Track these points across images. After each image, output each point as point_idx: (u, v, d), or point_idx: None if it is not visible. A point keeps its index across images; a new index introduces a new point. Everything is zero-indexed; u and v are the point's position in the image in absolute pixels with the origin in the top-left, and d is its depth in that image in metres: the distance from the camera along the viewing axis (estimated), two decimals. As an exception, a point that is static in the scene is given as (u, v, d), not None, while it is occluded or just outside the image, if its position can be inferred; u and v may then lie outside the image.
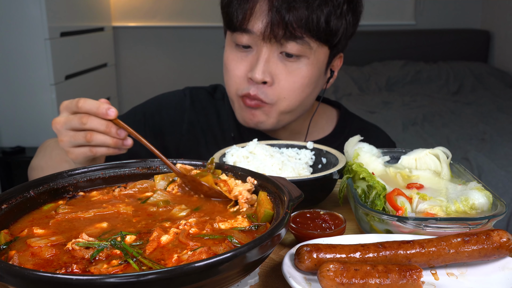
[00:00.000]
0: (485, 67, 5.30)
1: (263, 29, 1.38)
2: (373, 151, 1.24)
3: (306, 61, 1.44)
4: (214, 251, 0.75)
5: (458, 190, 1.08)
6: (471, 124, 3.97)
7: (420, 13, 5.75)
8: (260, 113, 1.50)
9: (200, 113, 1.69)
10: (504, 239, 0.87)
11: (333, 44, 1.46)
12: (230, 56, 1.49)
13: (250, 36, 1.42)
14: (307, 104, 1.55)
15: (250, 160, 1.24)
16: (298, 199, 0.88)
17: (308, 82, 1.47)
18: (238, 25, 1.42)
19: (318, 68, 1.47)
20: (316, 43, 1.42)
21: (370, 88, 5.07)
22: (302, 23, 1.37)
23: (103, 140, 1.12)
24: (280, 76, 1.44)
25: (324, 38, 1.42)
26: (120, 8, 5.32)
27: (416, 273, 0.79)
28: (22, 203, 0.90)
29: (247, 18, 1.40)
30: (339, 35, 1.45)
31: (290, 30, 1.37)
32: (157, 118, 1.67)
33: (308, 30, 1.38)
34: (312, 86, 1.49)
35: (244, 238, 0.80)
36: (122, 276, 0.61)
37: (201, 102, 1.71)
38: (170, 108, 1.69)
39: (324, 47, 1.45)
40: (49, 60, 3.68)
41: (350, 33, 1.52)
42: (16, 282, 0.63)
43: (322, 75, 1.52)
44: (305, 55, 1.43)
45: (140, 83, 5.50)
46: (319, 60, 1.46)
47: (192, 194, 1.01)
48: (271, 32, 1.38)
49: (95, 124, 1.09)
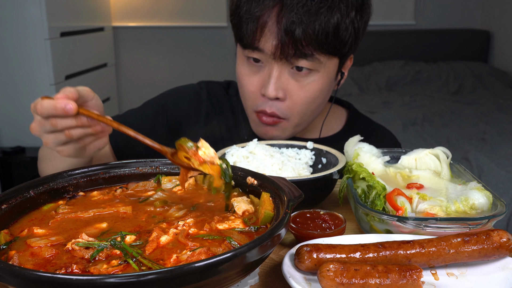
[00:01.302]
0: (485, 67, 5.30)
1: (273, 49, 1.38)
2: (373, 151, 1.24)
3: (317, 75, 1.44)
4: (213, 251, 0.75)
5: (458, 190, 1.08)
6: (471, 124, 3.97)
7: (420, 13, 5.75)
8: (275, 129, 1.51)
9: (216, 107, 1.69)
10: (504, 239, 0.87)
11: (343, 53, 1.47)
12: (243, 70, 1.50)
13: (260, 54, 1.42)
14: (318, 111, 1.57)
15: (250, 160, 1.24)
16: (298, 199, 0.88)
17: (320, 95, 1.48)
18: (249, 44, 1.42)
19: (328, 79, 1.48)
20: (326, 56, 1.42)
21: (370, 88, 5.07)
22: (312, 40, 1.36)
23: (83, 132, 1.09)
24: (292, 91, 1.45)
25: (333, 51, 1.42)
26: (120, 8, 5.32)
27: (416, 273, 0.79)
28: (22, 203, 0.90)
29: (257, 37, 1.40)
30: (348, 43, 1.44)
31: (300, 49, 1.37)
32: (174, 110, 1.67)
33: (318, 47, 1.38)
34: (323, 96, 1.51)
35: (243, 239, 0.80)
36: (122, 276, 0.61)
37: (216, 96, 1.71)
38: (188, 100, 1.69)
39: (334, 58, 1.46)
40: (49, 60, 3.68)
41: (362, 36, 1.52)
42: (16, 282, 0.63)
43: (333, 81, 1.53)
44: (315, 69, 1.43)
45: (140, 83, 5.50)
46: (330, 71, 1.47)
47: None
48: (281, 53, 1.38)
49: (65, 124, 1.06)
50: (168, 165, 1.08)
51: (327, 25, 1.36)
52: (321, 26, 1.35)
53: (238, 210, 0.91)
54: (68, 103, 1.02)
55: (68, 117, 1.04)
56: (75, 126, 1.06)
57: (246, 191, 1.00)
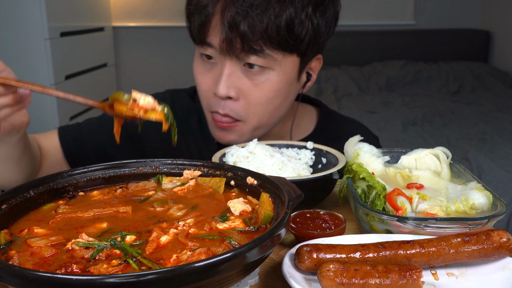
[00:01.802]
0: (485, 67, 5.30)
1: (220, 44, 1.31)
2: (373, 151, 1.24)
3: (271, 73, 1.36)
4: (213, 251, 0.75)
5: (458, 190, 1.08)
6: (471, 124, 3.97)
7: (420, 13, 5.75)
8: (232, 133, 1.45)
9: (180, 118, 1.62)
10: (504, 239, 0.87)
11: (301, 51, 1.37)
12: (197, 68, 1.44)
13: (212, 50, 1.36)
14: (280, 115, 1.48)
15: (250, 160, 1.24)
16: (298, 199, 0.88)
17: (276, 95, 1.39)
18: (198, 39, 1.36)
19: (286, 79, 1.39)
20: (280, 53, 1.33)
21: (370, 88, 5.07)
22: (260, 34, 1.28)
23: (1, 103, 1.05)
24: (245, 91, 1.37)
25: (288, 48, 1.33)
26: (120, 8, 5.32)
27: (416, 273, 0.79)
28: (22, 203, 0.90)
29: (206, 31, 1.33)
30: (306, 40, 1.34)
31: (248, 44, 1.29)
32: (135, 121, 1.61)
33: (269, 41, 1.29)
34: (281, 97, 1.42)
35: (243, 240, 0.80)
36: (122, 276, 0.61)
37: (182, 106, 1.64)
38: None
39: (291, 55, 1.36)
40: (49, 60, 3.68)
41: (326, 34, 1.41)
42: (16, 282, 0.63)
43: (294, 83, 1.44)
44: (269, 67, 1.34)
45: (140, 83, 5.50)
46: (287, 70, 1.38)
47: None
48: (228, 47, 1.30)
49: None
50: (168, 165, 1.08)
51: (278, 19, 1.27)
52: (271, 20, 1.27)
53: (234, 211, 0.91)
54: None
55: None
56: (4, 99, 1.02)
57: (246, 191, 1.00)
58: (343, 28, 5.66)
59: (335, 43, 5.45)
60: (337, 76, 5.10)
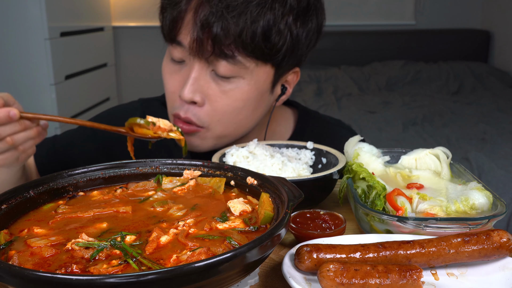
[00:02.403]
0: (485, 67, 5.30)
1: (191, 43, 1.23)
2: (373, 151, 1.24)
3: (241, 82, 1.27)
4: (213, 251, 0.75)
5: (458, 190, 1.08)
6: (471, 124, 3.97)
7: (420, 13, 5.75)
8: (194, 138, 1.37)
9: None
10: (504, 239, 0.87)
11: (277, 61, 1.28)
12: (165, 68, 1.37)
13: (182, 50, 1.28)
14: (248, 126, 1.40)
15: (250, 160, 1.24)
16: (298, 199, 0.88)
17: (245, 105, 1.31)
18: (169, 36, 1.29)
19: (257, 89, 1.30)
20: (253, 61, 1.25)
21: (370, 88, 5.07)
22: (234, 38, 1.19)
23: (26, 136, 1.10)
24: (212, 96, 1.29)
25: (262, 56, 1.24)
26: (120, 8, 5.33)
27: (416, 273, 0.79)
28: (22, 203, 0.90)
29: (177, 28, 1.25)
30: (282, 51, 1.25)
31: (219, 47, 1.20)
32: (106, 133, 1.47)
33: (242, 47, 1.21)
34: (250, 108, 1.33)
35: (243, 240, 0.80)
36: (122, 276, 0.61)
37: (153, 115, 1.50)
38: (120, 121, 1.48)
39: (265, 65, 1.28)
40: (49, 60, 3.69)
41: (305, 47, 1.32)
42: (16, 282, 0.63)
43: (266, 94, 1.35)
44: (239, 75, 1.26)
45: (140, 83, 5.50)
46: (259, 80, 1.29)
47: None
48: (198, 48, 1.22)
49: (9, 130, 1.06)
50: (168, 165, 1.08)
51: (254, 25, 1.19)
52: (247, 25, 1.18)
53: (234, 211, 0.91)
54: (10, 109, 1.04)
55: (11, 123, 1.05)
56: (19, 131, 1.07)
57: (246, 191, 1.00)
58: (343, 28, 5.67)
59: (335, 43, 5.46)
60: (337, 76, 5.10)
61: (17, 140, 1.09)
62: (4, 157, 1.12)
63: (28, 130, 1.10)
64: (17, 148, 1.12)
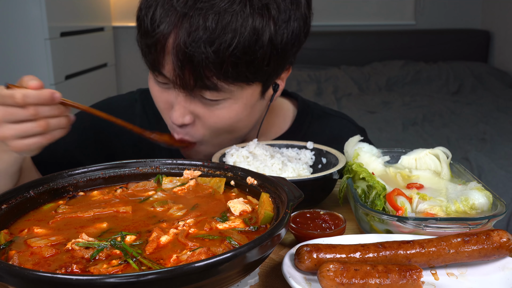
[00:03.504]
0: (485, 67, 5.30)
1: (173, 78, 1.18)
2: (373, 151, 1.24)
3: (229, 102, 1.23)
4: (213, 251, 0.75)
5: (458, 190, 1.08)
6: (471, 124, 3.97)
7: (420, 13, 5.76)
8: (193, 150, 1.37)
9: (152, 120, 1.52)
10: (504, 239, 0.87)
11: (263, 79, 1.23)
12: (153, 87, 1.31)
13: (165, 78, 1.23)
14: (245, 131, 1.36)
15: (250, 160, 1.24)
16: (298, 199, 0.88)
17: (235, 121, 1.27)
18: (153, 69, 1.24)
19: (245, 105, 1.26)
20: (237, 86, 1.19)
21: (370, 88, 5.07)
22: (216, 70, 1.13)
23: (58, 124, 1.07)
24: (201, 116, 1.26)
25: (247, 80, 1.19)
26: (120, 8, 5.33)
27: (416, 273, 0.79)
28: (22, 203, 0.90)
29: (158, 64, 1.20)
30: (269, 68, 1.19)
31: (201, 81, 1.16)
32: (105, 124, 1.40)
33: (223, 78, 1.15)
34: (242, 122, 1.29)
35: (243, 240, 0.80)
36: (122, 276, 0.61)
37: (152, 107, 1.48)
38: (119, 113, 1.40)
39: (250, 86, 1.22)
40: (49, 60, 3.69)
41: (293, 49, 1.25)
42: (16, 282, 0.63)
43: (257, 103, 1.31)
44: (226, 98, 1.22)
45: (140, 83, 5.46)
46: (247, 98, 1.25)
47: None
48: (181, 83, 1.18)
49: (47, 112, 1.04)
50: (168, 165, 1.08)
51: (234, 51, 1.11)
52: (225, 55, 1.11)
53: (234, 211, 0.91)
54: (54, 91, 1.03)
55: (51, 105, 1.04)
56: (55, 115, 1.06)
57: (246, 191, 1.00)
58: (343, 28, 5.68)
59: (335, 43, 5.46)
60: (337, 76, 5.10)
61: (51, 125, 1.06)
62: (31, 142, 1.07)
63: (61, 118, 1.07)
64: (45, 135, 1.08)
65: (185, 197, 1.00)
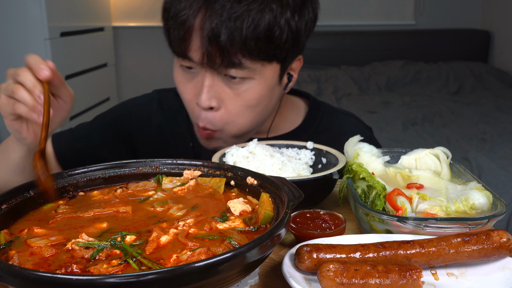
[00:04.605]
0: (485, 67, 5.30)
1: (201, 58, 1.29)
2: (373, 151, 1.24)
3: (252, 82, 1.34)
4: (213, 251, 0.75)
5: (458, 190, 1.08)
6: (471, 124, 3.97)
7: (420, 13, 5.75)
8: (215, 140, 1.45)
9: (168, 116, 1.62)
10: (504, 239, 0.87)
11: (281, 58, 1.35)
12: (178, 77, 1.42)
13: (191, 62, 1.34)
14: (262, 119, 1.48)
15: (250, 160, 1.24)
16: (298, 199, 0.88)
17: (258, 102, 1.38)
18: (179, 53, 1.34)
19: (267, 86, 1.38)
20: (260, 63, 1.31)
21: (370, 88, 5.07)
22: (239, 47, 1.25)
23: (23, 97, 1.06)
24: (226, 100, 1.36)
25: (267, 57, 1.31)
26: (120, 8, 5.32)
27: (416, 273, 0.79)
28: (22, 203, 0.90)
29: (185, 46, 1.30)
30: (286, 47, 1.32)
31: (227, 58, 1.27)
32: (125, 122, 1.62)
33: (248, 54, 1.27)
34: (262, 104, 1.41)
35: (243, 240, 0.80)
36: (122, 276, 0.61)
37: (169, 104, 1.64)
38: (137, 111, 1.64)
39: (271, 63, 1.35)
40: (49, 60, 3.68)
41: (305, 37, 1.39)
42: (16, 282, 0.63)
43: (275, 87, 1.43)
44: (250, 77, 1.33)
45: (140, 83, 5.50)
46: (268, 78, 1.36)
47: None
48: (208, 62, 1.28)
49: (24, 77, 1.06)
50: (168, 165, 1.08)
51: (256, 29, 1.25)
52: (249, 31, 1.24)
53: (234, 211, 0.91)
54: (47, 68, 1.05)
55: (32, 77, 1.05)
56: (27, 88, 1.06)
57: (246, 191, 1.00)
58: (343, 28, 5.67)
59: (335, 43, 5.46)
60: (337, 76, 5.10)
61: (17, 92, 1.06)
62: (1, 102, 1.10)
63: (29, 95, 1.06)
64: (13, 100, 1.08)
65: (185, 197, 1.00)
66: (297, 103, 1.67)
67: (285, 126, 1.61)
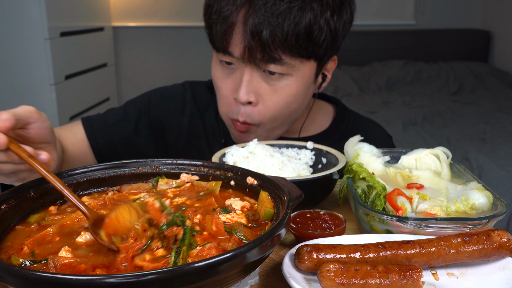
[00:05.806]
0: (485, 67, 5.30)
1: (242, 53, 1.33)
2: (373, 151, 1.24)
3: (290, 79, 1.38)
4: (223, 247, 0.75)
5: (458, 190, 1.08)
6: (471, 124, 3.97)
7: (420, 13, 5.75)
8: (249, 134, 1.48)
9: (201, 108, 1.66)
10: (504, 239, 0.87)
11: (319, 56, 1.40)
12: (216, 73, 1.46)
13: (231, 57, 1.38)
14: (296, 116, 1.52)
15: (250, 160, 1.24)
16: (298, 199, 0.88)
17: (294, 99, 1.42)
18: (220, 48, 1.38)
19: (304, 83, 1.42)
20: (298, 60, 1.35)
21: (370, 88, 5.07)
22: (280, 43, 1.30)
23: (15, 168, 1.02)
24: (264, 95, 1.40)
25: (306, 54, 1.35)
26: (120, 8, 5.32)
27: (416, 273, 0.79)
28: (22, 203, 0.90)
29: (227, 41, 1.35)
30: (324, 45, 1.36)
31: (268, 53, 1.31)
32: (158, 110, 1.64)
33: (288, 50, 1.31)
34: (298, 101, 1.45)
35: (248, 233, 0.81)
36: (122, 276, 0.61)
37: (201, 96, 1.69)
38: (172, 100, 1.67)
39: (309, 61, 1.39)
40: (49, 60, 3.68)
41: (342, 37, 1.44)
42: (16, 282, 0.63)
43: (311, 85, 1.47)
44: (288, 73, 1.37)
45: (140, 83, 5.50)
46: (305, 75, 1.41)
47: None
48: (249, 56, 1.33)
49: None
50: (168, 165, 1.07)
51: (297, 27, 1.29)
52: (291, 28, 1.28)
53: (235, 206, 0.92)
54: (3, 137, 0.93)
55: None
56: (5, 162, 0.99)
57: (245, 191, 1.00)
58: (343, 28, 5.67)
59: (335, 43, 5.45)
60: (337, 76, 5.10)
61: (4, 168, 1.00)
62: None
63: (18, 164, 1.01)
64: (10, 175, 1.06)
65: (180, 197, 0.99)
66: (325, 107, 1.72)
67: (313, 128, 1.66)
